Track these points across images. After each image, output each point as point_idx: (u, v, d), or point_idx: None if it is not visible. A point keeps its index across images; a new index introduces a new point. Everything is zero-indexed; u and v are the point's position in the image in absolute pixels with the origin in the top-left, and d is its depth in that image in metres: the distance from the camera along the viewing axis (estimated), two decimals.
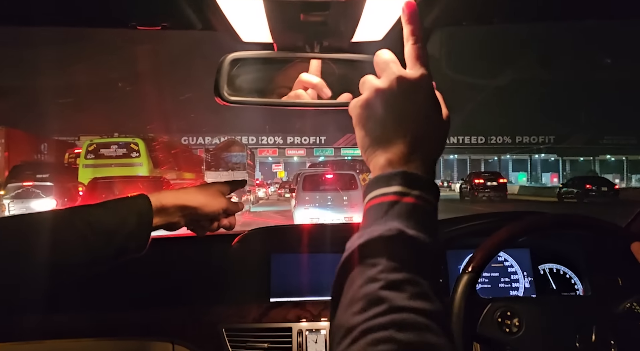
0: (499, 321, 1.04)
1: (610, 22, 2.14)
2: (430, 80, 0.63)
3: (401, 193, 0.57)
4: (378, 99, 0.63)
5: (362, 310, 0.48)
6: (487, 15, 0.97)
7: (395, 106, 0.62)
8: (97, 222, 0.86)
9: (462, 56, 19.42)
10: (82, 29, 1.07)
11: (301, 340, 1.34)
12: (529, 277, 1.59)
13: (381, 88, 0.63)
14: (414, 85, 0.62)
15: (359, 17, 0.87)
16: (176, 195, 0.99)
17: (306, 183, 12.19)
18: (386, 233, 0.54)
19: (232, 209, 1.07)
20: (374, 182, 0.60)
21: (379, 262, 0.52)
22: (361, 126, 0.65)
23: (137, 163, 16.34)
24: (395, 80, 0.62)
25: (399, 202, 0.56)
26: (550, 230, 1.25)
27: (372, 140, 0.63)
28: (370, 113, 0.63)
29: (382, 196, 0.58)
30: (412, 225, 0.55)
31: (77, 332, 1.37)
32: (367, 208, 0.59)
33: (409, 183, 0.58)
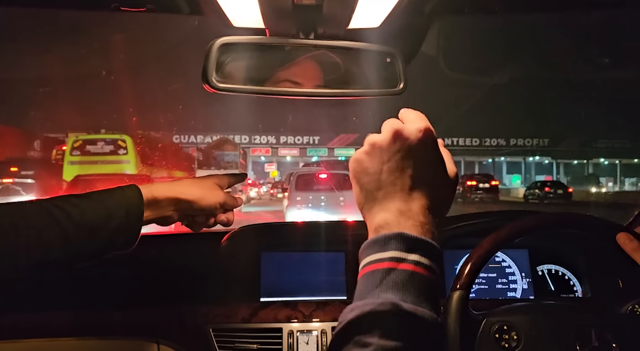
0: (497, 338, 1.00)
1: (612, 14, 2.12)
2: (430, 134, 0.59)
3: (397, 259, 0.53)
4: (375, 152, 0.60)
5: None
6: (488, 3, 0.94)
7: (391, 159, 0.59)
8: (79, 214, 0.80)
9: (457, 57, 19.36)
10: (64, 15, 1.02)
11: (292, 341, 1.29)
12: (527, 278, 1.56)
13: (377, 142, 0.60)
14: (411, 137, 0.59)
15: (356, 3, 0.83)
16: (169, 187, 0.93)
17: (299, 182, 11.83)
18: (379, 307, 0.50)
19: (230, 203, 1.02)
20: (369, 244, 0.56)
21: (372, 341, 0.48)
22: (356, 180, 0.62)
23: (124, 161, 16.06)
24: (392, 132, 0.59)
25: (394, 270, 0.52)
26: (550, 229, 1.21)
27: (367, 195, 0.60)
28: (366, 167, 0.60)
29: (377, 262, 0.54)
30: (409, 296, 0.51)
31: (60, 331, 1.32)
32: (361, 276, 0.55)
33: (406, 247, 0.53)
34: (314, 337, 1.31)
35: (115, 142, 16.32)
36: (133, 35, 21.64)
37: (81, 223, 0.80)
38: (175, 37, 26.59)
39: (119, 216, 0.84)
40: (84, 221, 0.80)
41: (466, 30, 2.42)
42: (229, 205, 1.02)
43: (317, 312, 1.35)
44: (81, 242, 0.80)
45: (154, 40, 26.35)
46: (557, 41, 55.14)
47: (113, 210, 0.84)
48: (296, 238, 1.56)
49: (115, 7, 0.84)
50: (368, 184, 0.60)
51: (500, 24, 18.56)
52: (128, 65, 23.43)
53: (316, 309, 1.36)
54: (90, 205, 0.82)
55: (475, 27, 2.70)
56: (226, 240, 1.48)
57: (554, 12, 1.08)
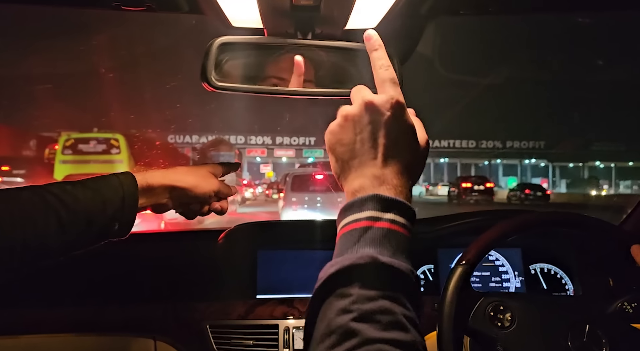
0: (491, 316, 1.03)
1: (608, 16, 2.15)
2: (399, 103, 0.62)
3: (374, 218, 0.55)
4: (347, 124, 0.63)
5: (335, 345, 0.47)
6: (483, 4, 0.95)
7: (364, 129, 0.61)
8: (74, 202, 0.80)
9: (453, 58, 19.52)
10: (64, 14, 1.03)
11: (288, 337, 1.31)
12: (520, 277, 1.58)
13: (350, 113, 0.63)
14: (382, 108, 0.61)
15: (353, 3, 0.84)
16: (164, 175, 0.93)
17: (295, 183, 11.68)
18: (358, 261, 0.52)
19: (224, 192, 1.02)
20: (346, 208, 0.59)
21: (352, 291, 0.50)
22: (332, 151, 0.65)
23: (117, 160, 15.67)
24: (363, 104, 0.62)
25: (372, 228, 0.55)
26: (547, 227, 1.23)
27: (343, 165, 0.63)
28: (340, 138, 0.63)
29: (354, 222, 0.56)
30: (386, 251, 0.53)
31: (57, 327, 1.33)
32: (340, 236, 0.58)
33: (381, 207, 0.56)
34: None
35: (108, 141, 16.02)
36: (129, 34, 21.57)
37: (76, 210, 0.80)
38: (172, 37, 26.52)
39: (114, 203, 0.84)
40: (79, 208, 0.80)
41: (462, 32, 2.45)
42: (223, 194, 1.02)
43: None
44: (77, 229, 0.81)
45: (150, 39, 26.23)
46: (553, 43, 55.23)
47: (108, 197, 0.84)
48: (292, 237, 1.58)
49: (115, 5, 0.85)
50: (343, 154, 0.63)
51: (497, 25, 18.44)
52: (124, 64, 23.30)
53: None
54: (85, 192, 0.83)
55: (472, 29, 2.73)
56: (223, 237, 1.49)
57: (550, 14, 1.10)
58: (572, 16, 2.25)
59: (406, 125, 0.62)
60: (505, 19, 1.74)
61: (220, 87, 0.88)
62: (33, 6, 1.00)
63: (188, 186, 0.95)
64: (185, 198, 0.97)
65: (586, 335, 1.02)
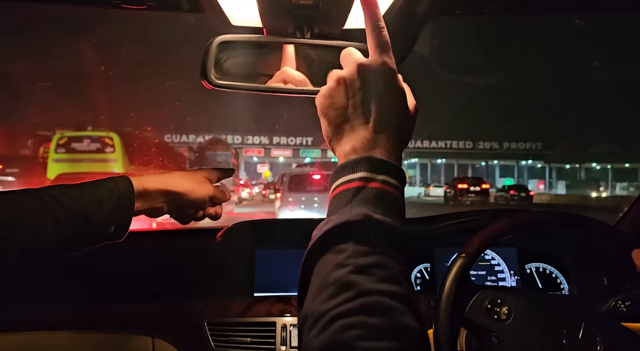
0: (488, 308, 1.04)
1: (603, 18, 2.16)
2: (391, 68, 0.63)
3: (366, 178, 0.57)
4: (340, 87, 0.63)
5: (332, 296, 0.48)
6: (480, 5, 0.96)
7: (356, 93, 0.62)
8: (72, 204, 0.81)
9: (449, 58, 19.60)
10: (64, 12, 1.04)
11: (285, 334, 1.32)
12: (515, 276, 1.59)
13: (342, 77, 0.63)
14: (374, 72, 0.62)
15: (351, 3, 0.85)
16: (160, 179, 0.95)
17: (292, 183, 11.46)
18: (353, 218, 0.53)
19: (219, 197, 1.03)
20: (339, 169, 0.60)
21: (347, 247, 0.51)
22: (324, 115, 0.65)
23: (111, 159, 15.47)
24: (355, 67, 0.63)
25: (364, 188, 0.56)
26: (546, 225, 1.25)
27: (335, 129, 0.64)
28: (332, 102, 0.64)
29: (347, 183, 0.58)
30: (379, 209, 0.55)
31: (55, 325, 1.33)
32: (333, 196, 0.59)
33: (374, 168, 0.57)
34: (298, 342, 1.33)
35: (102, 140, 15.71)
36: (127, 33, 21.58)
37: (74, 211, 0.81)
38: (170, 36, 26.51)
39: (111, 205, 0.85)
40: (77, 209, 0.81)
41: (459, 33, 2.46)
42: (217, 199, 1.03)
43: None
44: (73, 230, 0.82)
45: (148, 38, 26.23)
46: (550, 44, 55.37)
47: (105, 199, 0.85)
48: (290, 235, 1.58)
49: (116, 4, 0.86)
50: (335, 118, 0.63)
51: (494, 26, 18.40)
52: (122, 63, 23.26)
53: None
54: (83, 194, 0.84)
55: (469, 29, 2.74)
56: (221, 236, 1.50)
57: (547, 15, 1.11)
58: (569, 18, 2.26)
59: (398, 90, 0.63)
60: (502, 19, 1.76)
61: (220, 85, 0.89)
62: (31, 4, 1.00)
63: (183, 190, 0.96)
64: (180, 203, 0.98)
65: (581, 333, 1.03)
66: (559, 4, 1.03)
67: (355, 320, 0.45)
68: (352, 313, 0.45)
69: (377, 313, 0.46)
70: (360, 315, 0.45)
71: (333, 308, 0.46)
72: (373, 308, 0.46)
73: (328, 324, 0.45)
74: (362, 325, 0.44)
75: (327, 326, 0.45)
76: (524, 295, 1.11)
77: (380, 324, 0.45)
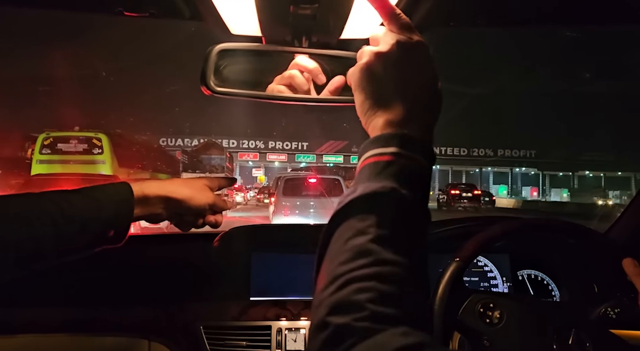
0: (481, 312, 1.05)
1: (596, 29, 2.19)
2: (426, 46, 0.65)
3: (398, 154, 0.58)
4: (378, 62, 0.64)
5: (349, 260, 0.50)
6: (473, 17, 0.99)
7: (395, 68, 0.63)
8: (70, 208, 0.81)
9: (444, 68, 19.79)
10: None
11: (280, 338, 1.33)
12: (507, 282, 1.61)
13: (381, 52, 0.64)
14: (412, 48, 0.64)
15: (348, 14, 0.87)
16: (160, 186, 0.95)
17: (287, 187, 10.79)
18: (380, 190, 0.55)
19: (219, 206, 1.03)
20: (372, 141, 0.61)
21: (370, 216, 0.53)
22: (361, 89, 0.66)
23: (99, 161, 14.81)
24: (395, 43, 0.64)
25: (395, 163, 0.58)
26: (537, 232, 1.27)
27: (372, 103, 0.64)
28: (370, 76, 0.65)
29: (379, 155, 0.59)
30: (405, 185, 0.56)
31: (51, 327, 1.33)
32: (362, 166, 0.60)
33: (406, 145, 0.59)
34: (302, 335, 1.34)
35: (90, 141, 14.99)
36: (126, 38, 21.60)
37: (72, 216, 0.81)
38: (170, 42, 26.55)
39: (110, 211, 0.85)
40: (75, 214, 0.81)
41: (453, 43, 2.49)
42: (218, 207, 1.04)
43: (305, 311, 1.39)
44: (72, 235, 0.81)
45: (150, 44, 26.30)
46: (543, 54, 55.70)
47: (104, 204, 0.85)
48: (287, 240, 1.60)
49: (119, 12, 0.88)
50: (372, 93, 0.64)
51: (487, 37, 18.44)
52: (120, 66, 23.26)
53: (304, 308, 1.40)
54: (82, 199, 0.84)
55: (463, 40, 2.77)
56: (218, 240, 1.51)
57: (540, 27, 1.13)
58: (562, 29, 2.30)
59: (433, 69, 0.65)
60: (496, 30, 1.79)
61: (219, 91, 0.91)
62: (31, 10, 1.01)
63: (183, 197, 0.96)
64: (180, 209, 0.98)
65: (571, 339, 1.05)
66: (552, 16, 1.06)
67: (369, 284, 0.47)
68: (366, 278, 0.48)
69: (390, 282, 0.48)
70: (374, 281, 0.48)
71: (350, 271, 0.49)
72: (387, 276, 0.48)
73: (343, 285, 0.48)
74: (375, 290, 0.47)
75: (342, 287, 0.48)
76: (515, 300, 1.13)
77: (391, 292, 0.47)
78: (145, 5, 0.88)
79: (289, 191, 10.76)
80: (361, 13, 0.87)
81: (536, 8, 0.99)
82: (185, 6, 0.87)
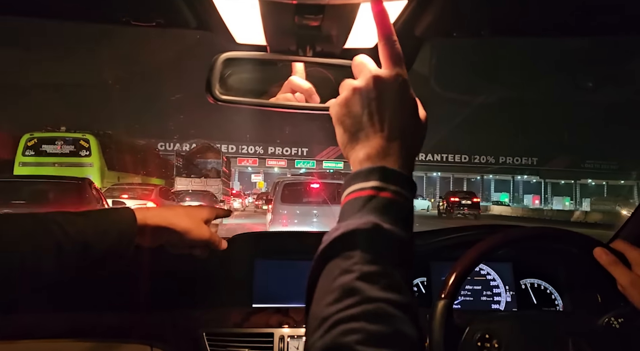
0: (479, 345, 1.05)
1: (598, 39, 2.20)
2: (404, 79, 0.65)
3: (378, 188, 0.58)
4: (355, 97, 0.65)
5: (336, 301, 0.49)
6: (476, 27, 1.00)
7: (371, 103, 0.64)
8: (75, 232, 0.82)
9: (448, 74, 19.82)
10: None
11: (282, 345, 1.33)
12: (510, 291, 1.60)
13: (358, 87, 0.66)
14: (388, 83, 0.65)
15: (352, 24, 0.88)
16: (162, 216, 0.97)
17: (286, 193, 9.78)
18: (362, 226, 0.55)
19: (214, 243, 1.07)
20: (352, 176, 0.62)
21: (354, 254, 0.53)
22: (340, 123, 0.67)
23: (86, 163, 14.29)
24: (371, 78, 0.65)
25: (376, 197, 0.58)
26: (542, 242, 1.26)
27: (350, 136, 0.65)
28: (348, 110, 0.66)
29: (359, 190, 0.59)
30: (388, 219, 0.56)
31: (54, 333, 1.34)
32: (345, 202, 0.61)
33: (386, 178, 0.59)
34: (304, 343, 1.34)
35: (77, 142, 14.46)
36: (128, 44, 21.75)
37: (76, 239, 0.82)
38: (174, 50, 26.71)
39: (112, 238, 0.87)
40: (79, 238, 0.82)
41: (456, 52, 2.50)
42: (212, 245, 1.07)
43: None
44: (74, 257, 0.82)
45: (156, 51, 26.48)
46: (545, 63, 55.83)
47: (107, 229, 0.86)
48: (289, 247, 1.60)
49: (126, 21, 0.89)
50: (351, 126, 0.65)
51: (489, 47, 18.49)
52: (121, 71, 23.37)
53: None
54: (87, 223, 0.85)
55: (465, 50, 2.78)
56: None
57: (542, 37, 1.14)
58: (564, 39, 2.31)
59: (411, 101, 0.66)
60: (498, 40, 1.79)
61: (224, 100, 0.91)
62: (40, 20, 1.02)
63: (182, 230, 0.99)
64: (176, 241, 1.02)
65: (572, 349, 1.04)
66: (555, 26, 1.06)
67: (357, 325, 0.46)
68: (354, 319, 0.47)
69: (379, 320, 0.47)
70: (362, 321, 0.47)
71: (337, 313, 0.48)
72: (375, 315, 0.48)
73: (331, 327, 0.47)
74: (363, 331, 0.46)
75: (329, 330, 0.47)
76: (513, 320, 1.12)
77: (380, 331, 0.46)
78: (152, 15, 0.89)
79: (288, 198, 9.81)
80: (365, 23, 0.88)
81: (538, 19, 1.00)
82: (191, 16, 0.88)
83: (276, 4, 0.80)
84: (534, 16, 0.98)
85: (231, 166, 31.50)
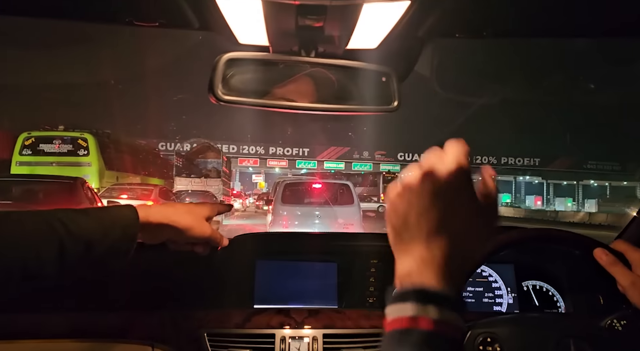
0: (481, 349, 1.04)
1: (600, 41, 2.18)
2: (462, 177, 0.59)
3: (416, 318, 0.52)
4: (404, 194, 0.59)
5: None
6: (478, 28, 1.00)
7: (419, 202, 0.57)
8: (77, 230, 0.82)
9: (450, 75, 19.90)
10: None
11: (284, 346, 1.33)
12: (512, 293, 1.60)
13: (407, 183, 0.59)
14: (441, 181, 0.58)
15: (355, 24, 0.88)
16: (164, 213, 0.97)
17: (287, 193, 9.45)
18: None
19: (214, 241, 1.08)
20: (394, 296, 0.56)
21: None
22: (389, 221, 0.61)
23: (84, 163, 14.18)
24: (422, 175, 0.59)
25: (413, 331, 0.51)
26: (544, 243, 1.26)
27: (396, 237, 0.59)
28: (396, 208, 0.60)
29: (397, 320, 0.53)
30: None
31: (55, 333, 1.34)
32: (387, 331, 0.54)
33: (425, 302, 0.52)
34: (305, 344, 1.34)
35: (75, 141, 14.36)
36: (130, 45, 21.80)
37: (78, 237, 0.82)
38: (177, 50, 26.74)
39: (115, 235, 0.87)
40: (81, 235, 0.82)
41: (458, 53, 2.50)
42: (213, 242, 1.08)
43: (309, 319, 1.39)
44: (76, 256, 0.82)
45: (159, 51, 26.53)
46: (548, 64, 55.76)
47: (110, 227, 0.87)
48: (291, 248, 1.60)
49: (129, 22, 0.89)
50: (398, 226, 0.59)
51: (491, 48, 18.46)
52: (128, 73, 23.44)
53: (308, 316, 1.40)
54: (89, 221, 0.85)
55: (467, 50, 2.77)
56: (222, 247, 1.51)
57: (544, 38, 1.14)
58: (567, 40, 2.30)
59: (468, 202, 0.59)
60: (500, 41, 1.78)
61: (226, 100, 0.92)
62: (42, 19, 1.03)
63: (184, 227, 1.00)
64: (177, 238, 1.02)
65: (572, 350, 1.04)
66: (557, 27, 1.06)
67: None
68: None
69: None
70: None
71: None
72: None
73: None
74: None
75: None
76: (514, 323, 1.12)
77: None
78: (155, 16, 0.89)
79: (289, 198, 9.51)
80: (367, 24, 0.88)
81: (541, 20, 0.99)
82: (194, 16, 0.88)
83: (279, 4, 0.80)
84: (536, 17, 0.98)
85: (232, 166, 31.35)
